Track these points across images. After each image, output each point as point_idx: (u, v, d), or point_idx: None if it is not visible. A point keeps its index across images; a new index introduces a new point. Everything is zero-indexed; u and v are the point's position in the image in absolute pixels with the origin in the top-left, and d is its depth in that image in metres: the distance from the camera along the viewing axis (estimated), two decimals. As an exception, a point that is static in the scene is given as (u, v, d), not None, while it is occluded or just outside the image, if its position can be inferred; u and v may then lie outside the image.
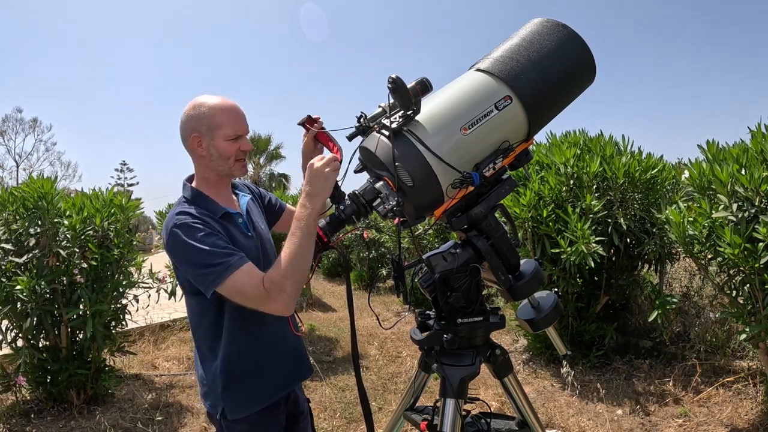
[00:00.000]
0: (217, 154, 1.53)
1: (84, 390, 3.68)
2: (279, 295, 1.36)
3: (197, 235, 1.41)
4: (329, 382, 4.13)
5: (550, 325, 1.58)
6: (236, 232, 1.54)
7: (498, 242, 1.46)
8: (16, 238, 3.42)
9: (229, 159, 1.54)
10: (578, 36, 1.48)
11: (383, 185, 1.35)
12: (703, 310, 4.37)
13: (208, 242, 1.40)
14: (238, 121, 1.55)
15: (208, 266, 1.38)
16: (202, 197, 1.56)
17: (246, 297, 1.39)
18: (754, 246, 2.56)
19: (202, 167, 1.59)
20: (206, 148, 1.53)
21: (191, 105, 1.55)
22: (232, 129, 1.53)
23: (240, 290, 1.38)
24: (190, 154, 1.59)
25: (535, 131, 1.48)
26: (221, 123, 1.52)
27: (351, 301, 1.51)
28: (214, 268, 1.37)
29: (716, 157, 2.91)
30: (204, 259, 1.39)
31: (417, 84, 1.43)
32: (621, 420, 3.25)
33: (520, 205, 3.85)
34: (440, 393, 1.47)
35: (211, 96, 1.56)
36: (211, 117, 1.52)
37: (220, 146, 1.52)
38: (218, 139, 1.52)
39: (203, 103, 1.54)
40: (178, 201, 1.59)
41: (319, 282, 10.07)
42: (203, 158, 1.55)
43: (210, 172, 1.58)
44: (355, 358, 1.49)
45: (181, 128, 1.56)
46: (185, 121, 1.55)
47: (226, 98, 1.57)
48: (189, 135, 1.54)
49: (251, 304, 1.41)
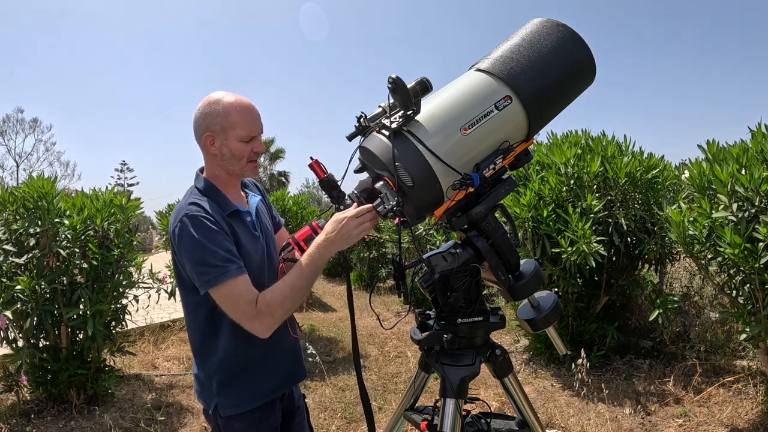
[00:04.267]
0: (230, 154, 1.50)
1: (84, 390, 3.68)
2: (267, 318, 1.37)
3: (205, 230, 1.39)
4: (329, 382, 4.13)
5: (550, 325, 1.58)
6: (243, 231, 1.52)
7: (498, 242, 1.46)
8: (16, 239, 3.42)
9: (241, 160, 1.51)
10: (578, 36, 1.48)
11: (383, 185, 1.35)
12: (703, 310, 4.38)
13: (214, 241, 1.39)
14: (253, 121, 1.51)
15: (207, 265, 1.37)
16: (215, 191, 1.53)
17: (234, 308, 1.38)
18: (754, 246, 2.55)
19: (213, 165, 1.55)
20: (219, 148, 1.50)
21: (206, 101, 1.51)
22: (246, 130, 1.49)
23: (232, 299, 1.38)
24: (202, 150, 1.56)
25: (535, 131, 1.49)
26: (236, 123, 1.48)
27: (351, 301, 1.51)
28: (212, 269, 1.36)
29: (716, 156, 2.91)
30: (205, 256, 1.37)
31: (417, 84, 1.43)
32: (621, 420, 3.25)
33: (520, 205, 3.84)
34: (440, 393, 1.47)
35: (227, 93, 1.52)
36: (225, 116, 1.48)
37: (233, 147, 1.49)
38: (231, 139, 1.48)
39: (219, 101, 1.50)
40: (191, 190, 1.56)
41: (319, 282, 10.06)
42: (215, 157, 1.52)
43: (221, 170, 1.55)
44: (356, 357, 1.50)
45: (195, 124, 1.53)
46: (199, 117, 1.51)
47: (242, 97, 1.52)
48: (202, 133, 1.50)
49: (235, 316, 1.40)
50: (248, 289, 1.39)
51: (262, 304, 1.37)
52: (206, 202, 1.47)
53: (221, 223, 1.44)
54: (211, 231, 1.40)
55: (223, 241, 1.40)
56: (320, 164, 1.44)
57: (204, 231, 1.39)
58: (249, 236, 1.53)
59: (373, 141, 1.40)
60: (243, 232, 1.51)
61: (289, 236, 1.54)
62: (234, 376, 1.53)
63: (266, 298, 1.38)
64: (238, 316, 1.39)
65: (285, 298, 1.38)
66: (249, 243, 1.51)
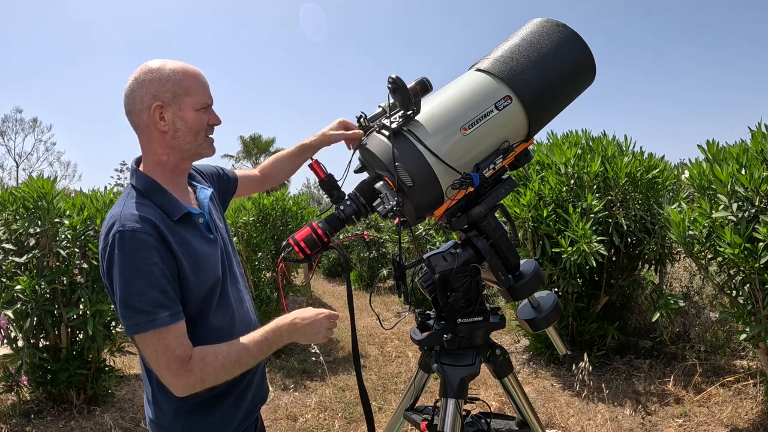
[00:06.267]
0: (186, 127, 1.24)
1: (84, 390, 3.68)
2: (195, 382, 1.18)
3: (137, 260, 1.14)
4: (329, 382, 4.13)
5: (550, 325, 1.58)
6: (195, 237, 1.28)
7: (498, 242, 1.46)
8: (16, 238, 3.43)
9: (198, 134, 1.27)
10: (578, 36, 1.48)
11: (383, 185, 1.35)
12: (703, 310, 4.38)
13: (146, 276, 1.14)
14: (207, 87, 1.29)
15: (132, 309, 1.14)
16: (158, 190, 1.25)
17: (158, 360, 1.16)
18: (754, 246, 2.55)
19: (160, 147, 1.26)
20: (171, 121, 1.23)
21: (144, 70, 1.24)
22: (202, 95, 1.26)
23: (157, 351, 1.16)
24: (142, 131, 1.26)
25: (535, 131, 1.49)
26: (190, 88, 1.24)
27: (351, 301, 1.50)
28: (136, 314, 1.14)
29: (716, 156, 2.91)
30: (131, 299, 1.13)
31: (417, 84, 1.44)
32: (621, 420, 3.25)
33: (520, 205, 3.85)
34: (440, 393, 1.47)
35: (166, 60, 1.26)
36: (177, 82, 1.23)
37: (189, 117, 1.24)
38: (187, 108, 1.24)
39: (161, 67, 1.24)
40: (127, 191, 1.26)
41: (319, 282, 10.07)
42: (164, 135, 1.24)
43: (172, 153, 1.27)
44: (356, 357, 1.49)
45: (132, 97, 1.23)
46: (139, 87, 1.22)
47: (185, 63, 1.29)
48: (146, 105, 1.22)
49: (157, 368, 1.18)
50: (180, 342, 1.17)
51: (196, 365, 1.17)
52: (148, 207, 1.21)
53: (166, 239, 1.18)
54: (144, 261, 1.14)
55: (159, 277, 1.15)
56: (320, 164, 1.44)
57: (135, 261, 1.13)
58: (204, 242, 1.29)
59: (373, 141, 1.41)
60: (196, 238, 1.27)
61: (289, 236, 1.54)
62: (208, 403, 1.30)
63: (205, 361, 1.18)
64: (160, 370, 1.17)
65: (224, 370, 1.20)
66: (205, 250, 1.28)
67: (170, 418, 1.29)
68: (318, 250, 1.40)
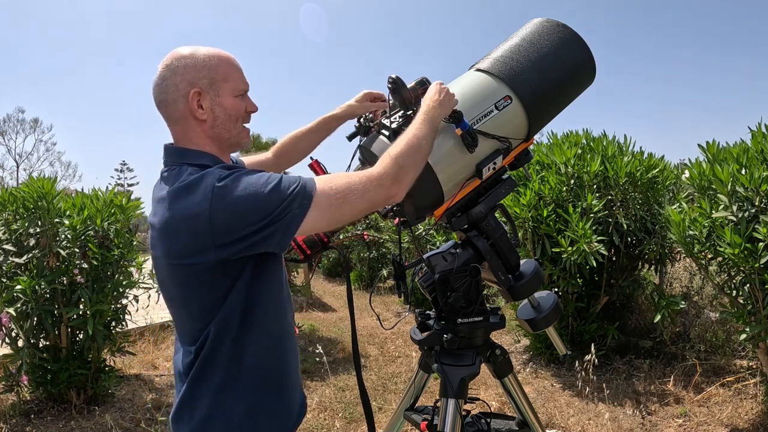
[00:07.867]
0: (225, 114, 1.17)
1: (84, 390, 3.68)
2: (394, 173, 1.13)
3: (254, 176, 1.06)
4: (330, 382, 4.13)
5: (550, 325, 1.58)
6: None
7: (498, 242, 1.47)
8: (16, 239, 3.43)
9: (237, 121, 1.20)
10: (578, 36, 1.48)
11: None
12: (703, 310, 4.38)
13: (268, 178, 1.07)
14: (242, 73, 1.23)
15: (280, 195, 1.05)
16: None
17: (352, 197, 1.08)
18: (754, 246, 2.56)
19: (198, 137, 1.18)
20: (209, 109, 1.15)
21: (176, 56, 1.16)
22: (240, 81, 1.20)
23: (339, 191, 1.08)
24: (177, 121, 1.17)
25: (535, 131, 1.49)
26: (228, 74, 1.17)
27: (351, 301, 1.50)
28: (290, 187, 1.06)
29: (716, 156, 2.91)
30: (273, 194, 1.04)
31: (417, 84, 1.44)
32: (621, 420, 3.25)
33: (520, 205, 3.85)
34: (440, 393, 1.47)
35: (196, 46, 1.19)
36: (213, 67, 1.16)
37: (228, 104, 1.17)
38: (225, 94, 1.17)
39: (194, 53, 1.16)
40: (189, 174, 1.10)
41: (319, 282, 10.07)
42: (203, 124, 1.16)
43: (210, 143, 1.19)
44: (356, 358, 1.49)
45: (164, 87, 1.15)
46: (171, 75, 1.15)
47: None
48: (182, 92, 1.14)
49: (359, 204, 1.10)
50: (340, 173, 1.15)
51: (377, 166, 1.13)
52: None
53: None
54: (261, 175, 1.07)
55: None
56: (320, 164, 1.44)
57: (252, 178, 1.06)
58: None
59: (374, 141, 1.41)
60: None
61: None
62: (267, 405, 1.19)
63: (389, 154, 1.16)
64: (366, 195, 1.10)
65: (410, 146, 1.16)
66: None
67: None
68: (318, 250, 1.40)
